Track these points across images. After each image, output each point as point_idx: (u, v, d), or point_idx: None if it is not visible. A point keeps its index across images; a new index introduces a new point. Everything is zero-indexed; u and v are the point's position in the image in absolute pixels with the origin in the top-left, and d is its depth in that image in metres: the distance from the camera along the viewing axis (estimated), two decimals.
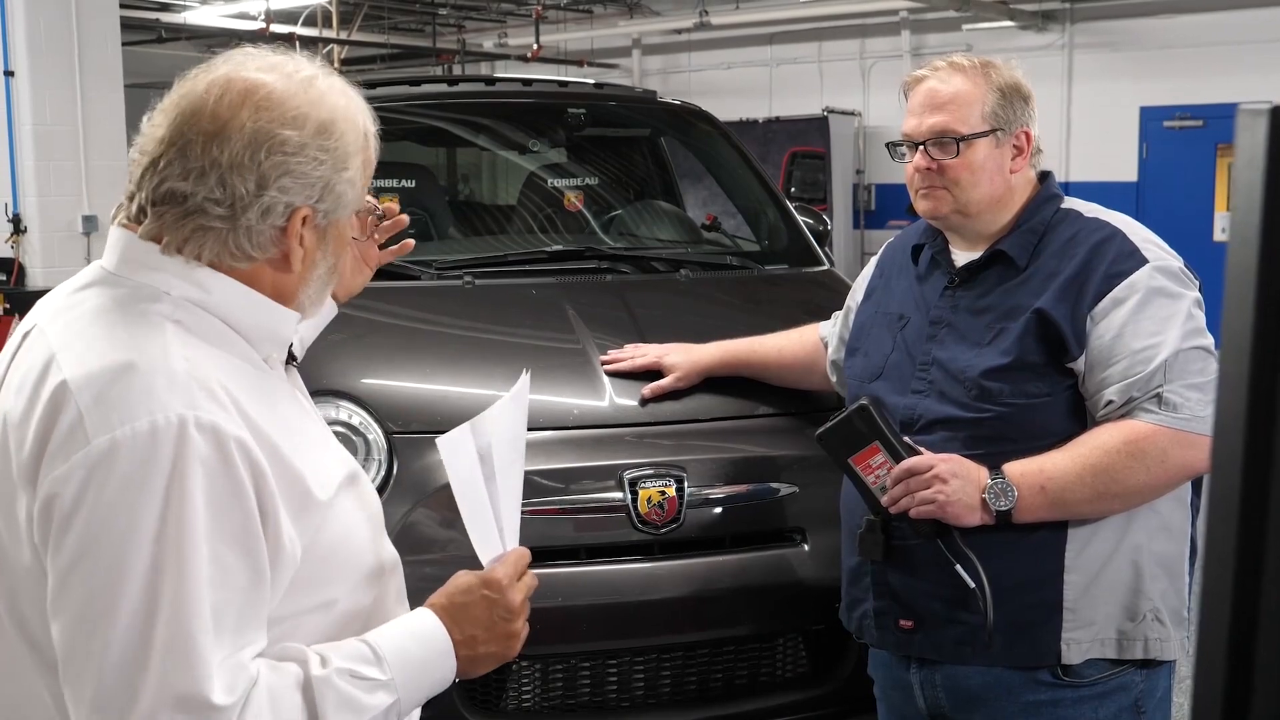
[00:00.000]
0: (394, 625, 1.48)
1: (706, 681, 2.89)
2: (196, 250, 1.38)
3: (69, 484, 1.25)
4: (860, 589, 2.33)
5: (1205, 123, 11.67)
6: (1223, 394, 0.71)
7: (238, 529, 1.29)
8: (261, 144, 1.36)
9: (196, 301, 1.38)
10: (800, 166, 13.55)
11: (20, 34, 8.00)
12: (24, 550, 1.31)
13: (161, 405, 1.27)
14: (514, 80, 4.82)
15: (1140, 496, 2.13)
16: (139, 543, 1.24)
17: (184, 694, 1.24)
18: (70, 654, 1.27)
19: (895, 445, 2.14)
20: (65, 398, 1.29)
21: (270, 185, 1.36)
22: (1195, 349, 2.10)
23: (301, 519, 1.36)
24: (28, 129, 8.08)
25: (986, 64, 2.27)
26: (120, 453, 1.25)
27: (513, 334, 3.29)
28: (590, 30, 15.75)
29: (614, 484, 2.77)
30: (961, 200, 2.23)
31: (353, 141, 1.44)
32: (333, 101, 1.42)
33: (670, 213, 4.66)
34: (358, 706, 1.37)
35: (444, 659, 1.48)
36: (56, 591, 1.27)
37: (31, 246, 8.21)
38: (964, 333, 2.23)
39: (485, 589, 1.53)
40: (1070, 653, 2.15)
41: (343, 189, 1.42)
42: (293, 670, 1.35)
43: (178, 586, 1.24)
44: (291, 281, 1.45)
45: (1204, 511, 2.44)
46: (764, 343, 2.95)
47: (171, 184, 1.36)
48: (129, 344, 1.32)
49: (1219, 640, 0.71)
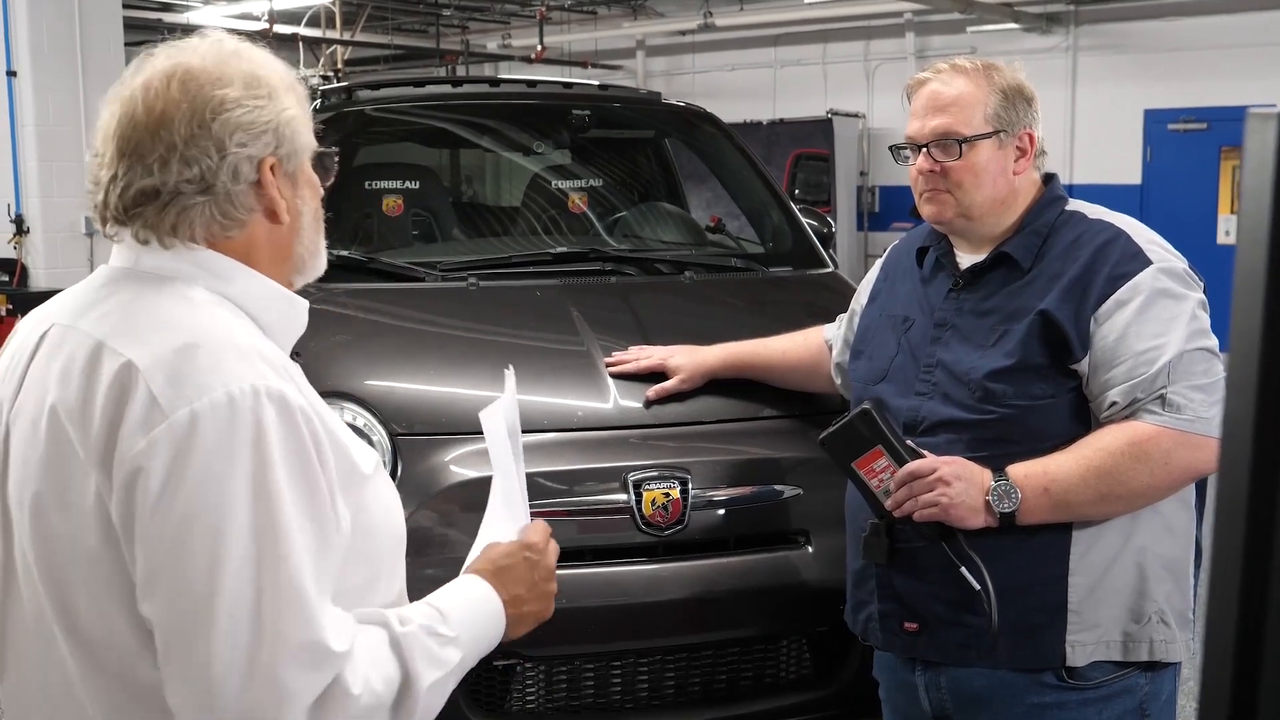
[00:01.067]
0: (449, 589, 1.56)
1: (710, 683, 2.89)
2: (189, 232, 1.42)
3: (155, 458, 1.27)
4: (865, 591, 2.33)
5: (1209, 126, 11.66)
6: (1231, 396, 0.71)
7: (309, 494, 1.33)
8: (203, 110, 1.40)
9: (219, 292, 1.43)
10: (804, 169, 13.55)
11: (23, 35, 8.01)
12: (89, 536, 1.33)
13: (236, 376, 1.31)
14: (518, 82, 4.82)
15: (1144, 498, 2.12)
16: (235, 507, 1.28)
17: (303, 642, 1.28)
18: (175, 628, 1.29)
19: (898, 449, 2.14)
20: (133, 379, 1.31)
21: (229, 145, 1.41)
22: (1199, 350, 2.10)
23: (350, 491, 1.41)
24: (30, 130, 8.09)
25: (989, 66, 2.27)
26: (202, 424, 1.28)
27: (517, 336, 3.29)
28: (594, 31, 15.76)
29: (618, 486, 2.77)
30: (965, 203, 2.23)
31: (279, 83, 1.49)
32: (247, 55, 1.49)
33: (675, 215, 4.66)
34: (439, 661, 1.45)
35: (496, 618, 1.57)
36: (151, 569, 1.29)
37: (34, 247, 8.21)
38: (968, 335, 2.23)
39: (527, 552, 1.64)
40: (1075, 655, 2.15)
41: (292, 129, 1.47)
42: (378, 630, 1.40)
43: (276, 545, 1.28)
44: (285, 234, 1.50)
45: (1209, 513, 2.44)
46: (768, 345, 2.95)
47: (139, 184, 1.40)
48: (184, 324, 1.36)
49: (1225, 643, 0.71)
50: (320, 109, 4.27)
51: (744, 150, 4.48)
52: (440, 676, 1.44)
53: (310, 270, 1.56)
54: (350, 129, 4.40)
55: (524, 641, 2.68)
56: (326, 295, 3.45)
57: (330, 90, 4.56)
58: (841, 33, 14.02)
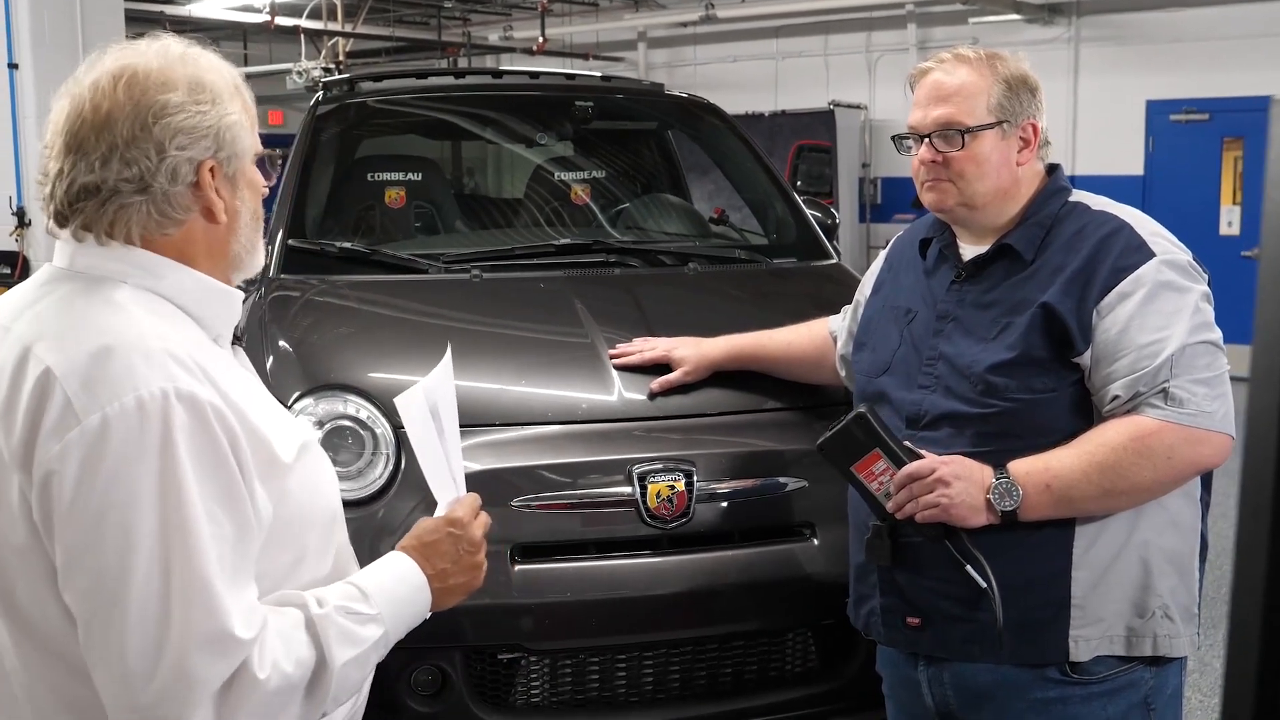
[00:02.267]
0: (372, 567, 1.64)
1: (715, 676, 2.88)
2: (125, 231, 1.49)
3: (67, 462, 1.36)
4: (867, 586, 2.32)
5: (1211, 116, 11.63)
6: (1256, 388, 0.70)
7: (223, 486, 1.41)
8: (145, 113, 1.47)
9: (150, 289, 1.50)
10: (806, 160, 13.52)
11: (24, 27, 8.00)
12: (18, 530, 1.41)
13: (144, 381, 1.38)
14: (521, 73, 4.80)
15: (1147, 493, 2.10)
16: (142, 506, 1.36)
17: (209, 632, 1.36)
18: (91, 619, 1.37)
19: (896, 450, 2.12)
20: (50, 384, 1.38)
21: (168, 148, 1.48)
22: (1203, 343, 2.08)
23: (270, 481, 1.48)
24: (32, 122, 8.08)
25: (993, 55, 2.24)
26: (112, 428, 1.36)
27: (520, 328, 3.28)
28: (596, 23, 15.73)
29: (623, 478, 2.76)
30: (967, 193, 2.21)
31: (224, 88, 1.55)
32: (193, 60, 1.55)
33: (678, 206, 4.65)
34: (355, 639, 1.52)
35: (420, 592, 1.65)
36: (68, 563, 1.37)
37: (36, 240, 8.21)
38: (970, 327, 2.21)
39: (449, 526, 1.72)
40: (1079, 650, 2.13)
41: (233, 134, 1.54)
42: (294, 612, 1.49)
43: (184, 540, 1.36)
44: (221, 233, 1.56)
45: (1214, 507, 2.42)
46: (773, 337, 2.93)
47: (81, 180, 1.48)
48: (103, 328, 1.43)
49: (1249, 641, 0.70)
50: (322, 101, 4.26)
51: (747, 141, 4.46)
52: (357, 654, 1.51)
53: (248, 267, 1.63)
54: (352, 121, 4.39)
55: (529, 635, 2.70)
56: (329, 287, 3.44)
57: (332, 82, 4.55)
58: (843, 24, 13.98)
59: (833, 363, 2.75)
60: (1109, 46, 12.33)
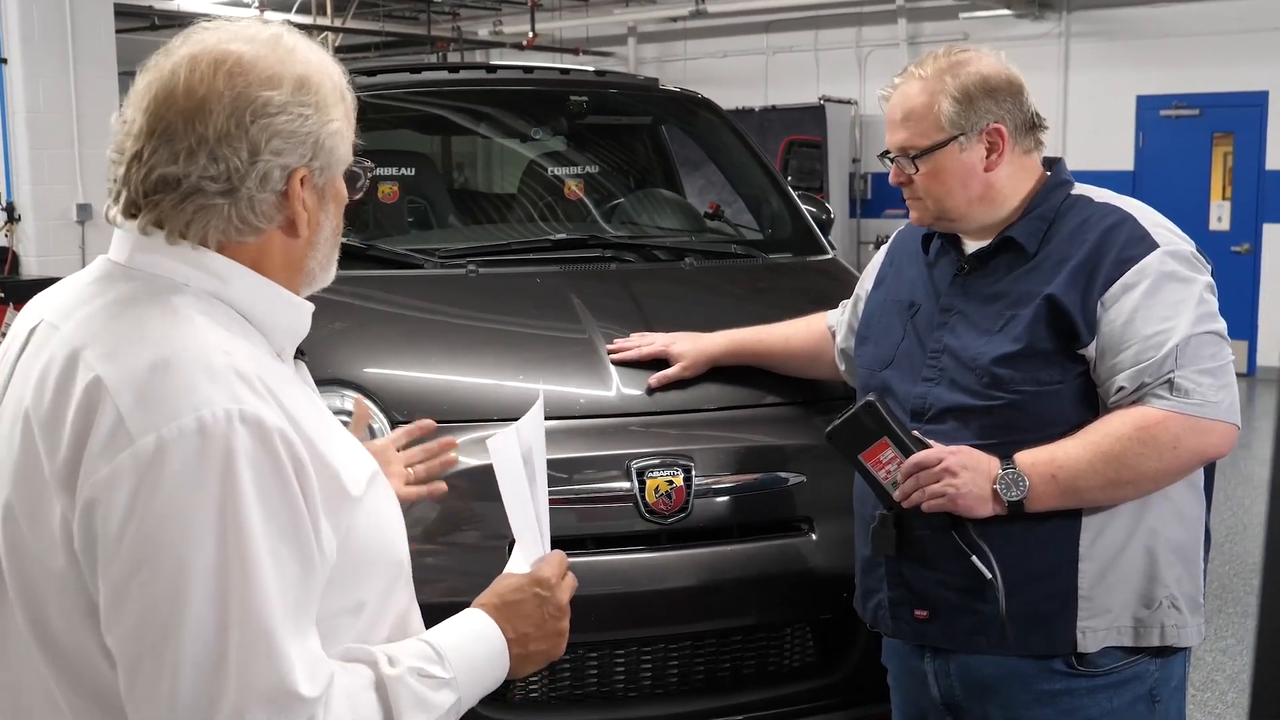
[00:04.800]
0: (450, 625, 1.48)
1: (714, 671, 2.88)
2: (201, 233, 1.35)
3: (116, 488, 1.20)
4: (874, 579, 2.32)
5: (1201, 112, 11.66)
6: None
7: (287, 522, 1.25)
8: (244, 110, 1.33)
9: (214, 293, 1.36)
10: (797, 155, 13.51)
11: (14, 21, 7.96)
12: (57, 556, 1.26)
13: (206, 400, 1.23)
14: (515, 68, 4.79)
15: (1153, 483, 2.12)
16: (200, 542, 1.20)
17: (270, 688, 1.21)
18: (136, 665, 1.22)
19: (904, 440, 2.12)
20: (100, 396, 1.24)
21: (263, 151, 1.34)
22: (1207, 334, 2.09)
23: (336, 515, 1.33)
24: (21, 116, 8.05)
25: (954, 64, 2.22)
26: (169, 452, 1.20)
27: (518, 323, 3.27)
28: (586, 18, 15.69)
29: (621, 474, 2.75)
30: (937, 208, 2.25)
31: (330, 93, 1.41)
32: (303, 56, 1.41)
33: (673, 201, 4.64)
34: (428, 705, 1.37)
35: (499, 657, 1.49)
36: (113, 602, 1.22)
37: (26, 235, 8.18)
38: (974, 320, 2.22)
39: (536, 587, 1.55)
40: (1086, 641, 2.14)
41: (332, 142, 1.40)
42: (363, 670, 1.34)
43: (244, 583, 1.21)
44: (300, 247, 1.42)
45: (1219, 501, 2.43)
46: (771, 331, 2.93)
47: (161, 170, 1.33)
48: (161, 338, 1.28)
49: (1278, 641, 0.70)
50: None
51: (742, 136, 4.46)
52: None
53: (319, 284, 1.49)
54: None
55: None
56: None
57: None
58: (833, 19, 13.98)
59: (831, 358, 2.76)
60: (1099, 41, 12.34)
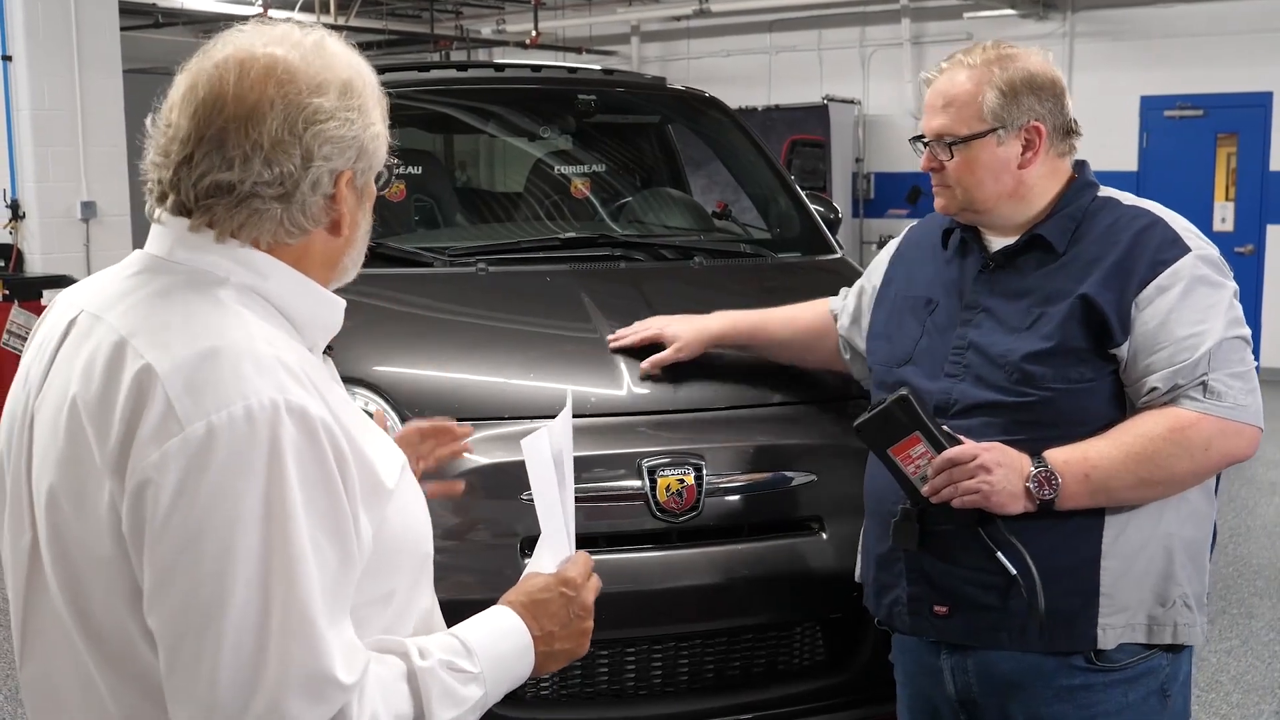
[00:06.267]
0: (478, 620, 1.50)
1: (724, 669, 2.88)
2: (253, 235, 1.38)
3: (165, 472, 1.23)
4: (892, 575, 2.32)
5: (1206, 112, 11.66)
6: None
7: (328, 511, 1.28)
8: (296, 117, 1.36)
9: (253, 287, 1.38)
10: (800, 155, 13.50)
11: (18, 19, 7.96)
12: (104, 541, 1.29)
13: (254, 389, 1.26)
14: (523, 66, 4.79)
15: (1181, 485, 2.14)
16: (245, 527, 1.23)
17: (309, 673, 1.24)
18: (177, 646, 1.25)
19: (936, 435, 2.12)
20: (151, 384, 1.26)
21: (315, 157, 1.37)
22: (1237, 338, 2.13)
23: (372, 506, 1.35)
24: (26, 114, 8.04)
25: (1002, 57, 2.25)
26: (218, 438, 1.23)
27: (528, 321, 3.27)
28: (589, 17, 15.67)
29: (632, 472, 2.76)
30: (966, 198, 2.25)
31: (370, 96, 1.45)
32: (345, 61, 1.44)
33: (681, 200, 4.65)
34: (457, 699, 1.39)
35: (525, 654, 1.51)
36: (158, 583, 1.25)
37: (30, 233, 8.17)
38: (1002, 317, 2.23)
39: (563, 587, 1.57)
40: (1105, 638, 2.16)
41: (374, 145, 1.45)
42: (395, 661, 1.36)
43: (287, 568, 1.24)
44: (339, 245, 1.46)
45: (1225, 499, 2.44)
46: (772, 314, 2.92)
47: (214, 176, 1.35)
48: (209, 328, 1.30)
49: None
50: None
51: (750, 135, 4.47)
52: (457, 715, 1.39)
53: (348, 278, 1.52)
54: None
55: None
56: None
57: None
58: (837, 18, 13.96)
59: (833, 342, 2.74)
60: (1104, 42, 12.33)
